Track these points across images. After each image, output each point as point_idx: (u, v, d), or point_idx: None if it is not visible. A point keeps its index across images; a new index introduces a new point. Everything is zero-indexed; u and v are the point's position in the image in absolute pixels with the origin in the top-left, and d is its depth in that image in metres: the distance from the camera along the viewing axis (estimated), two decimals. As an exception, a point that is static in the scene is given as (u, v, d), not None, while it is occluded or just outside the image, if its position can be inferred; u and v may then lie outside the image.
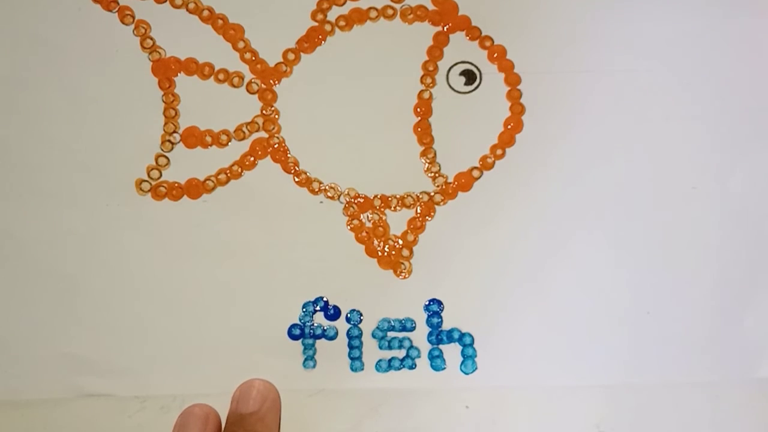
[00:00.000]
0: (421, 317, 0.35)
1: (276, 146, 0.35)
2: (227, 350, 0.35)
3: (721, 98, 0.36)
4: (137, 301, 0.35)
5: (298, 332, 0.35)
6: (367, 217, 0.35)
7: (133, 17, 0.35)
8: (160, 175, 0.35)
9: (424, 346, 0.35)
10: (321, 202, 0.35)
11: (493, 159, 0.35)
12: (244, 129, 0.35)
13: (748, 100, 0.36)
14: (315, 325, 0.35)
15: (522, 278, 0.35)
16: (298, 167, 0.35)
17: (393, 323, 0.35)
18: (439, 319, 0.35)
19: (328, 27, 0.35)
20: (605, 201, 0.35)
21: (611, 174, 0.35)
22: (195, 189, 0.35)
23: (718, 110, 0.36)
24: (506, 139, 0.35)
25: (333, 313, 0.35)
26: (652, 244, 0.35)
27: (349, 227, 0.35)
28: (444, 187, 0.35)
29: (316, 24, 0.35)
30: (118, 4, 0.35)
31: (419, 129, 0.35)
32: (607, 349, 0.35)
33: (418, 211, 0.35)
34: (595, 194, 0.35)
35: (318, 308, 0.35)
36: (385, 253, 0.35)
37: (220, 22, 0.35)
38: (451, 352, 0.35)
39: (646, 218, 0.35)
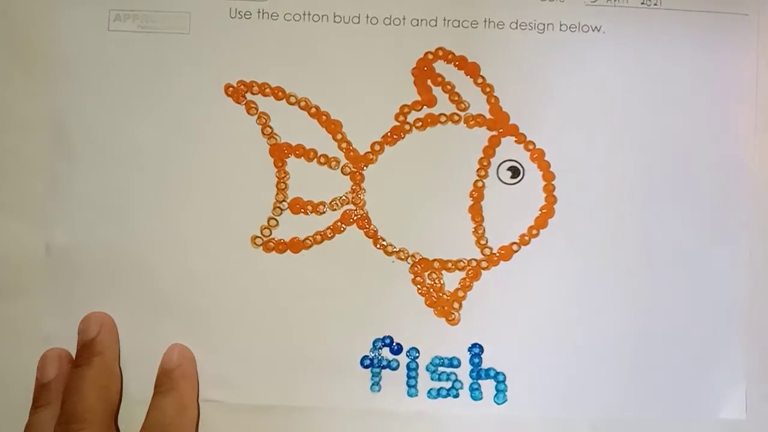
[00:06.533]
0: (465, 357, 0.37)
1: (361, 217, 0.38)
2: (312, 373, 0.37)
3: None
4: (245, 328, 0.37)
5: (368, 362, 0.37)
6: (428, 275, 0.38)
7: (257, 109, 0.37)
8: (270, 233, 0.37)
9: (467, 380, 0.37)
10: (393, 261, 0.38)
11: (529, 237, 0.37)
12: (337, 202, 0.38)
13: None
14: (382, 357, 0.37)
15: (546, 331, 0.37)
16: (377, 234, 0.38)
17: (443, 360, 0.37)
18: (479, 360, 0.37)
19: (407, 126, 0.37)
20: (619, 274, 0.37)
21: (625, 255, 0.38)
22: (296, 246, 0.37)
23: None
24: (541, 222, 0.37)
25: (396, 349, 0.37)
26: (647, 301, 0.37)
27: (413, 283, 0.38)
28: (489, 256, 0.37)
29: (398, 124, 0.37)
30: (246, 98, 0.37)
31: (473, 210, 0.37)
32: (605, 389, 0.37)
33: (468, 273, 0.38)
34: (611, 268, 0.37)
35: (385, 344, 0.37)
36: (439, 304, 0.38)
37: (324, 117, 0.37)
38: (488, 386, 0.37)
39: (642, 281, 0.37)
